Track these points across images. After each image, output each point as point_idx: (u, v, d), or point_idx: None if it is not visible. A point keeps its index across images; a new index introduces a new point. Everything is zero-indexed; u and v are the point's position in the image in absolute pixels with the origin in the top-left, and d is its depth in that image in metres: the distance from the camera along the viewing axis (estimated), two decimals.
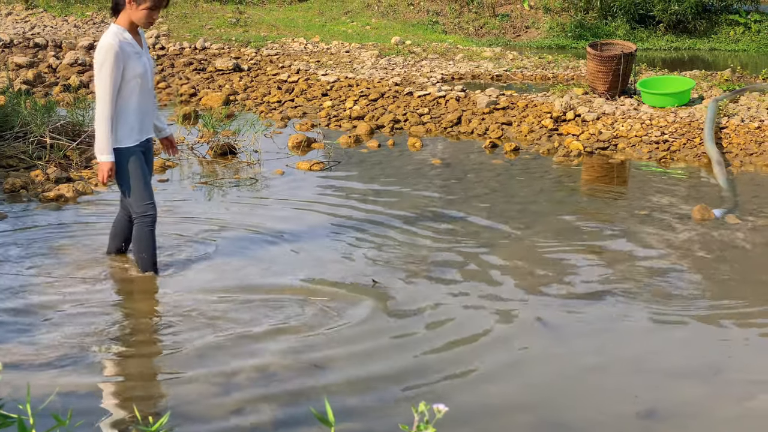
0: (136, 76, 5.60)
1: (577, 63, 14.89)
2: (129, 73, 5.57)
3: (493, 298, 5.82)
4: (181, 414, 4.29)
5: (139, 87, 5.65)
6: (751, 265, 6.53)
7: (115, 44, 5.50)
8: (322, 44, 16.40)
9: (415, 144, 10.22)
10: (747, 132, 10.03)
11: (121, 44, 5.53)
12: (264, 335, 5.23)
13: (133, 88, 5.62)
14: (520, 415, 4.38)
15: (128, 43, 5.58)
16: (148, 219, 5.87)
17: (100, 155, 5.62)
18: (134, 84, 5.61)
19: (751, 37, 19.38)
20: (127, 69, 5.55)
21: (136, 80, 5.61)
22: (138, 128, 5.73)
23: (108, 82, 5.50)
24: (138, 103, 5.68)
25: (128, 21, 5.63)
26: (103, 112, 5.54)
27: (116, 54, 5.49)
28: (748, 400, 4.56)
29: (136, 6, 5.56)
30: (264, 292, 5.90)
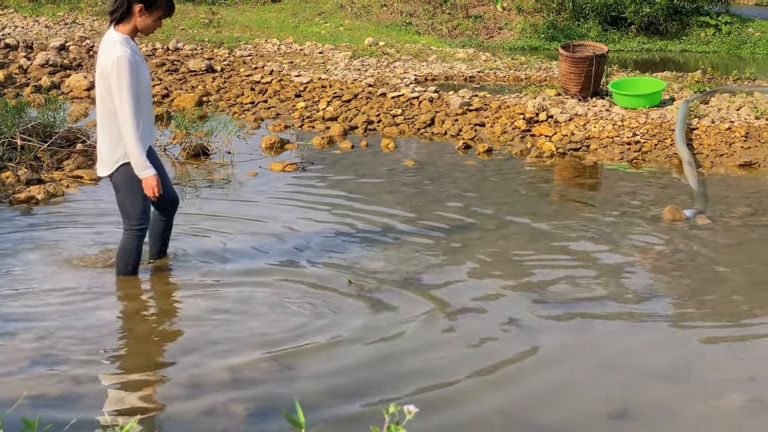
0: (143, 84, 5.51)
1: (550, 64, 14.96)
2: (140, 83, 5.47)
3: (465, 299, 5.83)
4: (153, 417, 4.27)
5: (146, 95, 5.57)
6: (721, 264, 6.58)
7: (129, 55, 5.38)
8: (296, 45, 16.37)
9: (388, 145, 10.23)
10: (717, 133, 10.11)
11: (132, 55, 5.43)
12: (235, 337, 5.21)
13: (142, 97, 5.51)
14: (491, 415, 4.39)
15: (135, 52, 5.49)
16: (141, 233, 5.84)
17: (143, 172, 5.51)
18: (142, 93, 5.51)
19: (721, 38, 19.55)
20: (139, 79, 5.45)
21: (142, 89, 5.51)
22: (146, 136, 5.63)
23: (130, 94, 5.37)
24: (144, 111, 5.58)
25: (132, 29, 5.51)
26: (133, 127, 5.40)
27: (131, 66, 5.37)
28: (719, 400, 4.59)
29: (147, 15, 5.47)
30: (235, 293, 5.88)
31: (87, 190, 8.25)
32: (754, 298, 5.94)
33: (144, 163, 5.50)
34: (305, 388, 4.59)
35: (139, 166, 5.51)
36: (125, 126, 5.41)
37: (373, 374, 4.78)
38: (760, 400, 4.56)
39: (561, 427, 4.31)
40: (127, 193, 5.69)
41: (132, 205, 5.72)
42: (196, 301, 5.79)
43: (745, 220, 7.62)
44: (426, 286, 6.02)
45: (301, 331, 5.29)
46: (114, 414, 4.27)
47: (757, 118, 10.48)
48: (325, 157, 9.81)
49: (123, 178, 5.65)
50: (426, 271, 6.32)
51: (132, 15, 5.47)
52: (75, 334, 5.20)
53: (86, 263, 6.31)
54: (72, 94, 12.72)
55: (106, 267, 6.16)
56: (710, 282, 6.23)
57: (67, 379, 4.65)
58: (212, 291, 5.93)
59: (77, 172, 8.62)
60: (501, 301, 5.81)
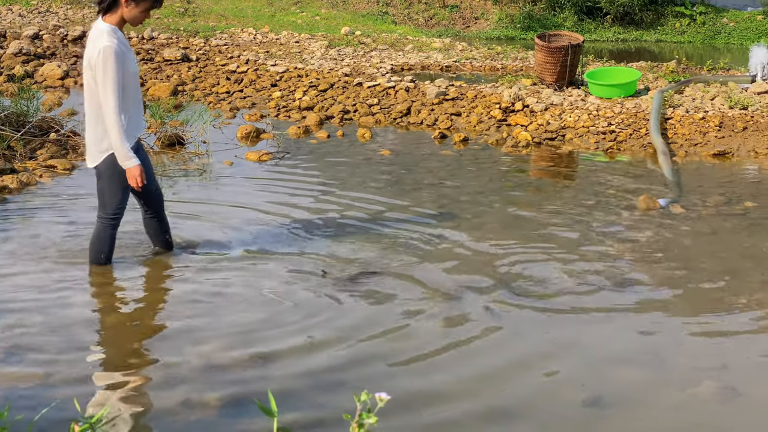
0: (130, 74, 5.50)
1: (526, 54, 14.99)
2: (126, 72, 5.45)
3: (440, 287, 5.83)
4: (126, 407, 4.25)
5: (132, 86, 5.55)
6: (695, 253, 6.62)
7: (115, 45, 5.36)
8: (272, 34, 16.31)
9: (364, 135, 10.22)
10: (692, 123, 10.17)
11: (119, 45, 5.41)
12: (209, 326, 5.19)
13: (128, 87, 5.49)
14: (465, 403, 4.40)
15: (122, 42, 5.47)
16: (116, 222, 5.82)
17: (126, 161, 5.48)
18: (128, 83, 5.49)
19: (696, 29, 19.66)
20: (125, 69, 5.44)
21: (129, 79, 5.50)
22: (132, 127, 5.60)
23: (115, 84, 5.35)
24: (131, 102, 5.57)
25: (119, 19, 5.49)
26: (116, 119, 5.38)
27: (117, 56, 5.35)
28: (694, 387, 4.62)
29: (134, 5, 5.44)
30: (210, 282, 5.86)
31: (60, 179, 8.19)
32: (727, 286, 5.99)
33: (127, 153, 5.47)
34: (281, 377, 4.58)
35: (122, 156, 5.48)
36: (109, 116, 5.39)
37: (349, 364, 4.78)
38: (732, 388, 4.60)
39: (536, 415, 4.33)
40: (108, 182, 5.66)
41: (111, 194, 5.70)
42: (171, 291, 5.77)
43: (719, 209, 7.68)
44: (401, 276, 6.02)
45: (276, 320, 5.28)
46: (85, 404, 4.25)
47: (731, 107, 10.55)
48: (301, 146, 9.79)
49: (106, 167, 5.62)
50: (401, 260, 6.31)
51: (119, 5, 5.44)
52: (47, 324, 5.16)
53: (60, 253, 6.26)
54: (45, 83, 12.62)
55: (79, 258, 6.12)
56: (684, 270, 6.27)
57: (37, 367, 4.62)
58: (187, 280, 5.90)
59: (51, 161, 8.56)
60: (476, 290, 5.81)
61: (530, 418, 4.30)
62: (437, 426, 4.18)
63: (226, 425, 4.13)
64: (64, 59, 13.98)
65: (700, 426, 4.25)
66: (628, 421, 4.30)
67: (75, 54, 14.37)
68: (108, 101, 5.37)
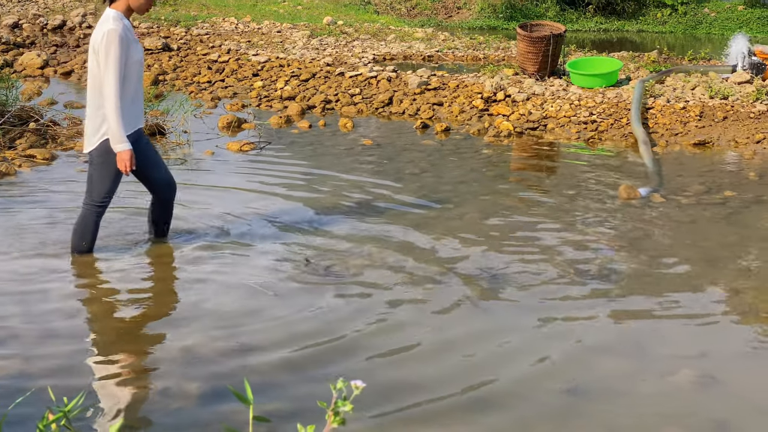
0: (134, 62, 5.52)
1: (508, 44, 15.00)
2: (130, 59, 5.47)
3: (421, 276, 5.84)
4: (102, 395, 4.24)
5: (136, 74, 5.56)
6: (675, 241, 6.65)
7: (120, 30, 5.39)
8: (254, 24, 16.26)
9: (346, 124, 10.21)
10: (672, 112, 10.21)
11: (124, 30, 5.43)
12: (190, 315, 5.18)
13: (131, 76, 5.51)
14: (447, 393, 4.40)
15: (128, 29, 5.49)
16: (101, 210, 5.81)
17: (118, 144, 5.47)
18: (132, 71, 5.51)
19: (678, 19, 19.72)
20: (129, 56, 5.46)
21: (134, 67, 5.52)
22: (133, 116, 5.62)
23: (117, 69, 5.37)
24: (133, 90, 5.59)
25: (126, 6, 5.51)
26: (115, 101, 5.40)
27: (121, 40, 5.38)
28: (672, 375, 4.64)
29: None
30: (190, 271, 5.85)
31: (40, 169, 8.15)
32: (706, 275, 6.02)
33: (122, 137, 5.46)
34: (261, 366, 4.58)
35: (116, 139, 5.47)
36: (108, 97, 5.41)
37: (328, 353, 4.78)
38: (710, 376, 4.62)
39: (515, 403, 4.33)
40: (99, 168, 5.66)
41: (100, 180, 5.69)
42: (151, 280, 5.75)
43: (699, 198, 7.71)
44: (383, 266, 6.02)
45: (258, 309, 5.28)
46: (62, 394, 4.23)
47: (711, 97, 10.59)
48: (283, 136, 9.77)
49: (100, 153, 5.62)
50: (383, 249, 6.31)
51: None
52: (27, 313, 5.13)
53: (39, 243, 6.23)
54: (25, 73, 12.55)
55: (59, 247, 6.09)
56: (664, 259, 6.30)
57: (15, 360, 4.60)
58: (168, 270, 5.89)
59: (30, 151, 8.51)
60: (457, 280, 5.82)
61: (510, 407, 4.30)
62: (418, 416, 4.18)
63: (207, 415, 4.12)
64: (43, 48, 13.89)
65: (679, 413, 4.28)
66: (608, 409, 4.32)
67: (55, 43, 14.28)
68: (109, 84, 5.39)
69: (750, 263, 6.28)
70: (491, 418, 4.21)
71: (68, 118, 9.73)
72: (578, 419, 4.21)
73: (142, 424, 4.02)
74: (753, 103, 10.34)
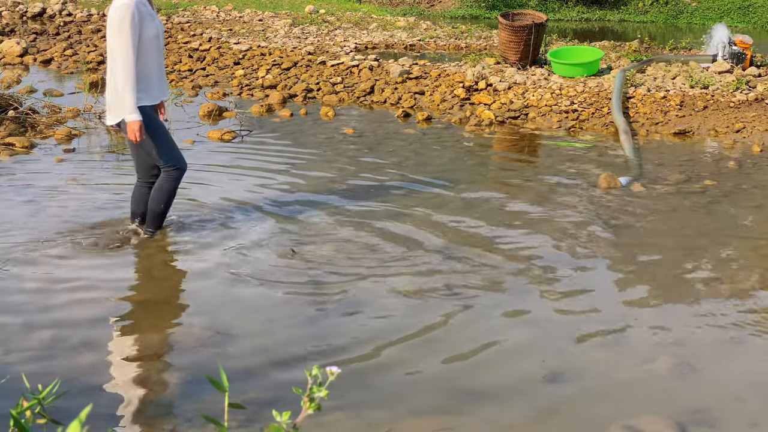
0: (151, 37, 5.62)
1: (490, 33, 15.00)
2: (145, 34, 5.57)
3: (402, 266, 5.85)
4: (80, 384, 4.22)
5: (154, 49, 5.66)
6: (655, 230, 6.68)
7: (132, 4, 5.48)
8: (235, 12, 16.19)
9: (328, 113, 10.19)
10: (653, 102, 10.24)
11: (137, 5, 5.52)
12: (169, 304, 5.17)
13: (149, 50, 5.62)
14: (427, 381, 4.42)
15: (143, 3, 5.59)
16: (179, 172, 5.93)
17: (129, 114, 5.57)
18: (150, 45, 5.62)
19: (659, 8, 19.77)
20: (143, 30, 5.55)
21: (150, 41, 5.62)
22: (155, 88, 5.76)
23: (129, 41, 5.47)
24: (155, 64, 5.71)
25: None
26: (128, 72, 5.50)
27: (133, 14, 5.48)
28: (651, 362, 4.66)
29: None
30: (171, 260, 5.83)
31: (19, 158, 8.09)
32: (686, 263, 6.05)
33: (133, 107, 5.56)
34: (240, 354, 4.58)
35: (127, 109, 5.56)
36: (120, 69, 5.50)
37: (308, 340, 4.78)
38: (688, 363, 4.65)
39: (496, 391, 4.35)
40: (149, 137, 5.73)
41: (154, 149, 5.80)
42: (130, 269, 5.73)
43: (679, 187, 7.75)
44: (365, 251, 6.02)
45: (238, 299, 5.27)
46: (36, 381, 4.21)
47: (692, 87, 10.63)
48: (264, 125, 9.74)
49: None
50: (364, 237, 6.32)
51: None
52: (2, 304, 5.11)
53: (20, 232, 6.19)
54: (4, 60, 12.46)
55: (40, 235, 6.05)
56: (644, 247, 6.33)
57: None
58: (148, 258, 5.87)
59: (9, 139, 8.45)
60: (436, 268, 5.83)
61: (490, 395, 4.32)
62: (398, 405, 4.19)
63: (186, 403, 4.11)
64: (23, 36, 13.79)
65: (657, 400, 4.30)
66: (587, 396, 4.34)
67: (34, 31, 14.18)
68: (121, 55, 5.49)
69: (728, 252, 6.32)
70: (470, 406, 4.22)
71: (47, 106, 9.67)
72: (558, 407, 4.23)
73: (115, 414, 4.00)
74: (733, 92, 10.39)
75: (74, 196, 7.01)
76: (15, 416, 1.70)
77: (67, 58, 12.64)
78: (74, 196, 7.01)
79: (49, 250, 5.89)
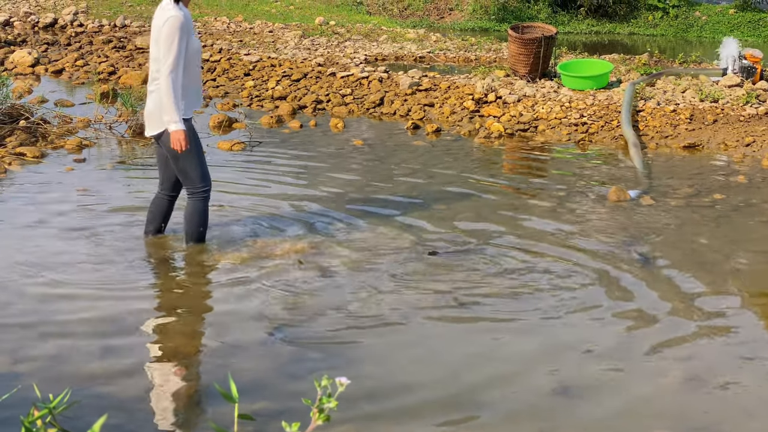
0: (195, 50, 5.72)
1: (500, 45, 15.01)
2: (190, 47, 5.66)
3: (411, 278, 5.84)
4: (91, 394, 4.23)
5: (194, 63, 5.75)
6: (664, 244, 6.66)
7: (182, 17, 5.57)
8: (246, 24, 16.25)
9: (337, 125, 10.21)
10: (663, 115, 10.23)
11: (186, 17, 5.61)
12: (177, 314, 5.17)
13: (190, 62, 5.70)
14: (434, 393, 4.41)
15: (188, 18, 5.67)
16: (207, 194, 5.97)
17: (174, 124, 5.63)
18: (191, 59, 5.70)
19: (669, 22, 19.76)
20: (189, 43, 5.65)
21: (194, 55, 5.73)
22: (193, 101, 5.84)
23: (177, 53, 5.55)
24: (192, 78, 5.78)
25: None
26: (175, 83, 5.57)
27: (182, 26, 5.56)
28: (662, 377, 4.65)
29: None
30: (176, 272, 5.84)
31: (30, 167, 8.12)
32: (695, 277, 6.03)
33: (176, 117, 5.62)
34: (249, 365, 4.58)
35: (171, 119, 5.62)
36: (165, 80, 5.56)
37: (315, 351, 4.78)
38: (699, 378, 4.64)
39: (506, 404, 4.34)
40: (185, 154, 5.77)
41: (191, 165, 5.85)
42: (137, 278, 5.74)
43: (688, 200, 7.73)
44: (372, 264, 6.02)
45: (245, 309, 5.27)
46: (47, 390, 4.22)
47: (701, 100, 10.62)
48: (274, 136, 9.76)
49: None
50: (372, 248, 6.32)
51: None
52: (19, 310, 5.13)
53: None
54: (16, 71, 12.51)
55: (49, 245, 6.07)
56: (653, 261, 6.31)
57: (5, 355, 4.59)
58: (154, 269, 5.88)
59: (20, 149, 8.48)
60: (444, 279, 5.83)
61: (500, 407, 4.31)
62: (403, 415, 4.18)
63: (194, 414, 4.12)
64: (34, 46, 13.85)
65: (667, 415, 4.29)
66: (597, 409, 4.33)
67: (46, 41, 14.25)
68: (168, 67, 5.55)
69: (738, 266, 6.30)
70: (480, 418, 4.21)
71: (58, 116, 9.71)
72: (568, 420, 4.22)
73: (128, 423, 4.00)
74: (743, 106, 10.37)
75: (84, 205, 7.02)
76: (26, 425, 1.70)
77: (78, 68, 12.69)
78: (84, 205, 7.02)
79: (61, 257, 5.91)
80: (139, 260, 6.03)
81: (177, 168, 5.90)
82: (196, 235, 6.07)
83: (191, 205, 5.99)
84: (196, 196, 5.95)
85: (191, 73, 5.74)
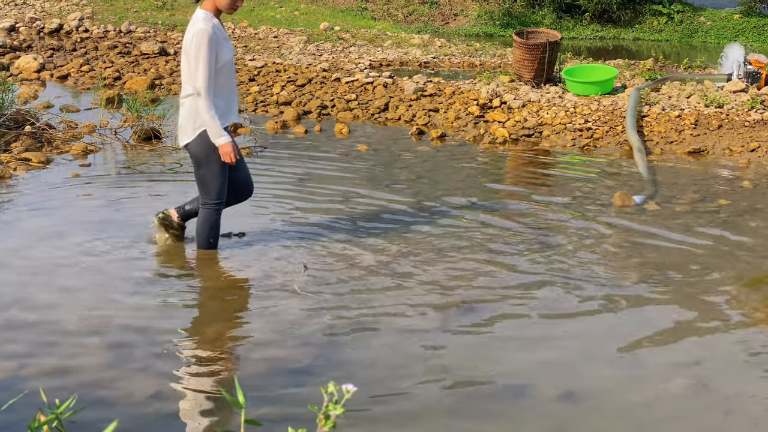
0: (226, 61, 5.70)
1: (504, 51, 15.02)
2: (221, 58, 5.65)
3: (415, 283, 5.85)
4: (96, 398, 4.24)
5: (226, 73, 5.74)
6: (668, 250, 6.66)
7: (209, 29, 5.57)
8: (250, 29, 16.27)
9: (342, 130, 10.21)
10: (668, 120, 10.22)
11: (214, 29, 5.60)
12: (180, 318, 5.18)
13: (223, 73, 5.69)
14: (439, 399, 4.41)
15: (218, 28, 5.66)
16: (220, 207, 5.98)
17: (218, 139, 5.66)
18: (224, 69, 5.70)
19: (674, 27, 19.75)
20: (219, 54, 5.63)
21: (226, 65, 5.71)
22: (227, 112, 5.81)
23: (207, 66, 5.56)
24: (226, 89, 5.77)
25: (214, 6, 5.68)
26: (209, 98, 5.58)
27: (210, 39, 5.55)
28: (665, 383, 4.65)
29: None
30: (181, 277, 5.85)
31: (35, 173, 8.14)
32: (701, 283, 6.03)
33: (219, 131, 5.65)
34: (255, 372, 4.58)
35: (215, 134, 5.65)
36: (200, 95, 5.58)
37: (321, 357, 4.78)
38: (703, 384, 4.64)
39: (510, 410, 4.35)
40: (206, 163, 5.81)
41: (212, 177, 5.85)
42: (137, 285, 5.76)
43: (693, 206, 7.73)
44: (378, 268, 6.03)
45: (252, 314, 5.28)
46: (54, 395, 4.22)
47: (706, 106, 10.61)
48: (279, 141, 9.77)
49: (202, 148, 5.77)
50: (376, 254, 6.32)
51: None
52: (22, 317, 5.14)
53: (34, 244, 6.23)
54: (21, 76, 12.54)
55: (58, 250, 6.07)
56: (658, 266, 6.31)
57: (11, 361, 4.60)
58: (158, 273, 5.89)
59: (25, 154, 8.50)
60: (449, 284, 5.83)
61: (505, 414, 4.31)
62: (408, 421, 4.19)
63: (199, 418, 4.12)
64: (40, 52, 13.89)
65: (671, 422, 4.28)
66: (601, 415, 4.33)
67: (51, 47, 14.28)
68: (200, 83, 5.57)
69: (744, 272, 6.29)
70: (483, 424, 4.21)
71: (64, 122, 9.73)
72: (572, 426, 4.22)
73: (135, 428, 4.01)
74: (748, 111, 10.37)
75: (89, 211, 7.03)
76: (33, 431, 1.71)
77: (83, 73, 12.71)
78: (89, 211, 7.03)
79: (65, 261, 5.92)
80: (145, 266, 6.04)
81: (197, 175, 5.93)
82: (206, 245, 6.08)
83: (203, 215, 6.01)
84: (209, 207, 5.96)
85: (226, 83, 5.74)
